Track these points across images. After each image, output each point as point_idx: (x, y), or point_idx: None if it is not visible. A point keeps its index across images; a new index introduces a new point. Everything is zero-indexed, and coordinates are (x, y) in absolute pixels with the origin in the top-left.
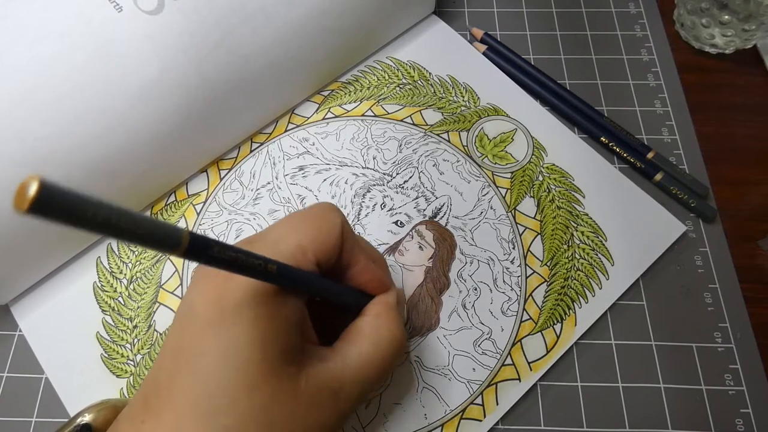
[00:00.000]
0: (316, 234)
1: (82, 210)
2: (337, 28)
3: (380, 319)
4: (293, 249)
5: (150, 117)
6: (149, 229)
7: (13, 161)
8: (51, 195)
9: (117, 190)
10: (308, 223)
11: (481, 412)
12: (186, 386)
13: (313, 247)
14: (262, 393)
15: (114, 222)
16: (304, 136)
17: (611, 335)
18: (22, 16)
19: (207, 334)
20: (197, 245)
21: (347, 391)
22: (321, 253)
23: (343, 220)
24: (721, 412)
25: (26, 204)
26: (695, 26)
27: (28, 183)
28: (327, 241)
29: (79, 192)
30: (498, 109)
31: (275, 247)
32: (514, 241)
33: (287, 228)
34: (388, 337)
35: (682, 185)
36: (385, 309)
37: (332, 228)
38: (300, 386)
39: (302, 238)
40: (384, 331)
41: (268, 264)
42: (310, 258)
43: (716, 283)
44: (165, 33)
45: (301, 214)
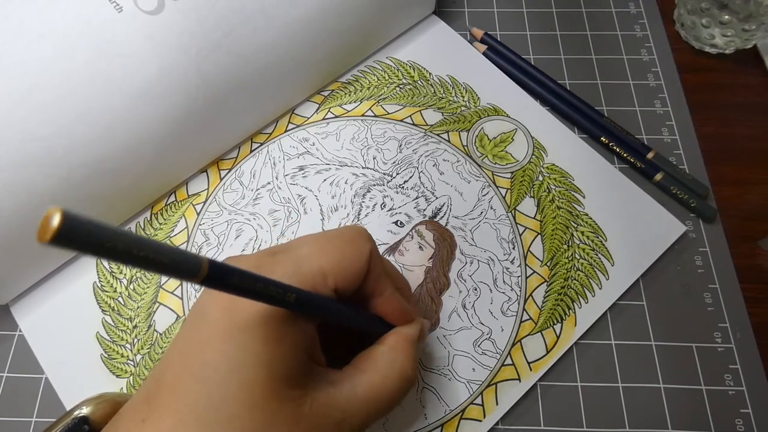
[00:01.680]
0: (340, 259)
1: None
2: (337, 29)
3: (395, 353)
4: (314, 272)
5: (150, 117)
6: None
7: (13, 161)
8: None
9: (117, 190)
10: (335, 246)
11: (480, 412)
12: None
13: (334, 272)
14: (264, 414)
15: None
16: (304, 136)
17: (611, 335)
18: (22, 16)
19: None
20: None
21: (350, 422)
22: (342, 280)
23: (373, 248)
24: (721, 412)
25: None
26: (695, 26)
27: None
28: (350, 268)
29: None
30: (498, 109)
31: (297, 266)
32: (514, 241)
33: (312, 248)
34: (400, 373)
35: (682, 185)
36: (403, 342)
37: (358, 256)
38: (303, 410)
39: (326, 261)
40: (397, 365)
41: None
42: (329, 284)
43: (716, 283)
44: (165, 33)
45: (330, 234)
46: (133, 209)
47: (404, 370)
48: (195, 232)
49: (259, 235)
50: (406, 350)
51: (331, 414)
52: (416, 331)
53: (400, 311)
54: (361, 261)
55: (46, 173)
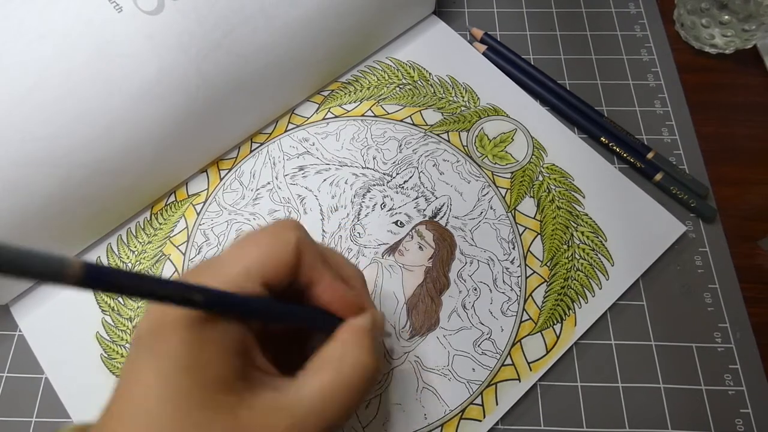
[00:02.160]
0: (265, 254)
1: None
2: (337, 29)
3: (347, 346)
4: (237, 272)
5: (150, 117)
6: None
7: (13, 161)
8: None
9: (117, 190)
10: (257, 243)
11: (480, 412)
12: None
13: (257, 267)
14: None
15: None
16: (304, 136)
17: (611, 335)
18: (22, 16)
19: (141, 359)
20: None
21: (301, 427)
22: (270, 274)
23: (300, 236)
24: (721, 412)
25: None
26: (695, 26)
27: None
28: (275, 260)
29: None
30: (498, 109)
31: (218, 270)
32: (514, 241)
33: (235, 251)
34: (354, 367)
35: (682, 185)
36: (354, 334)
37: (284, 246)
38: (240, 419)
39: (250, 260)
40: (349, 359)
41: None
42: (255, 279)
43: (716, 283)
44: (165, 33)
45: (252, 233)
46: (133, 209)
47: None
48: (195, 232)
49: None
50: (360, 341)
51: (275, 421)
52: (368, 321)
53: (343, 299)
54: (287, 251)
55: (46, 173)
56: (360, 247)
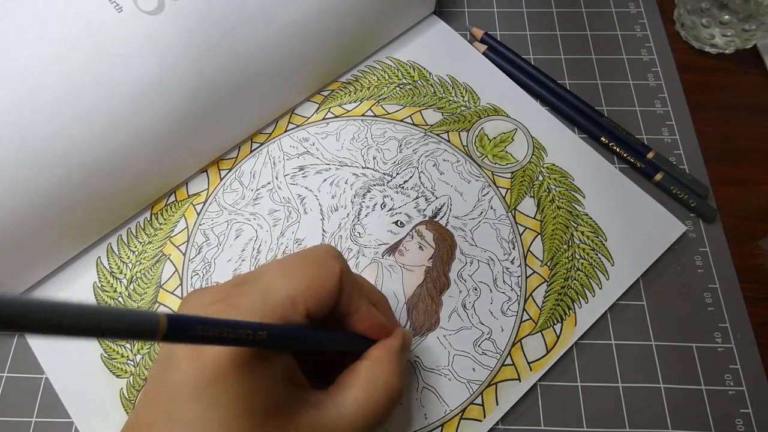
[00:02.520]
0: (310, 283)
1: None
2: (337, 29)
3: (378, 366)
4: (283, 300)
5: (150, 117)
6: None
7: (13, 161)
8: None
9: (117, 190)
10: (302, 270)
11: (481, 412)
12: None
13: (304, 298)
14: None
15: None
16: (304, 136)
17: (611, 335)
18: (22, 17)
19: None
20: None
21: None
22: (313, 304)
23: (343, 266)
24: (721, 412)
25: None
26: (695, 26)
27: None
28: (321, 291)
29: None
30: (498, 109)
31: (264, 296)
32: (514, 241)
33: (279, 274)
34: (384, 386)
35: (682, 185)
36: (387, 354)
37: (329, 277)
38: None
39: (294, 287)
40: (381, 378)
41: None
42: (300, 310)
43: (716, 283)
44: (165, 33)
45: (297, 258)
46: (133, 209)
47: (389, 383)
48: (195, 232)
49: (259, 235)
50: (390, 363)
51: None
52: (398, 343)
53: (378, 326)
54: (332, 282)
55: (46, 173)
56: (360, 247)
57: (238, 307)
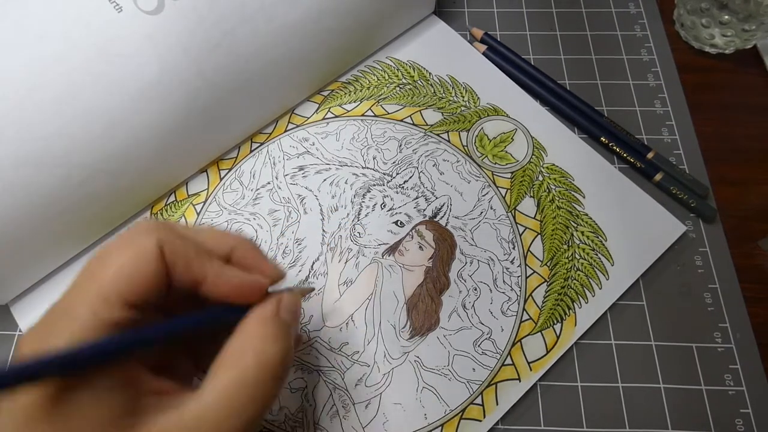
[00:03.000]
0: (117, 273)
1: None
2: (337, 28)
3: (245, 339)
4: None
5: (150, 117)
6: None
7: (13, 161)
8: None
9: (117, 190)
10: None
11: (480, 412)
12: None
13: (117, 290)
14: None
15: None
16: (304, 136)
17: (611, 335)
18: (22, 17)
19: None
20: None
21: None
22: (133, 293)
23: (160, 237)
24: (721, 412)
25: None
26: (695, 26)
27: None
28: (137, 275)
29: None
30: (498, 109)
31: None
32: (514, 241)
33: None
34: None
35: (682, 185)
36: (256, 321)
37: (141, 255)
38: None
39: (103, 283)
40: (250, 352)
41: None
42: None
43: (716, 283)
44: (165, 33)
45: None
46: (133, 209)
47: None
48: None
49: (259, 235)
50: (261, 331)
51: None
52: (270, 308)
53: (240, 287)
54: (147, 261)
55: (46, 173)
56: (360, 247)
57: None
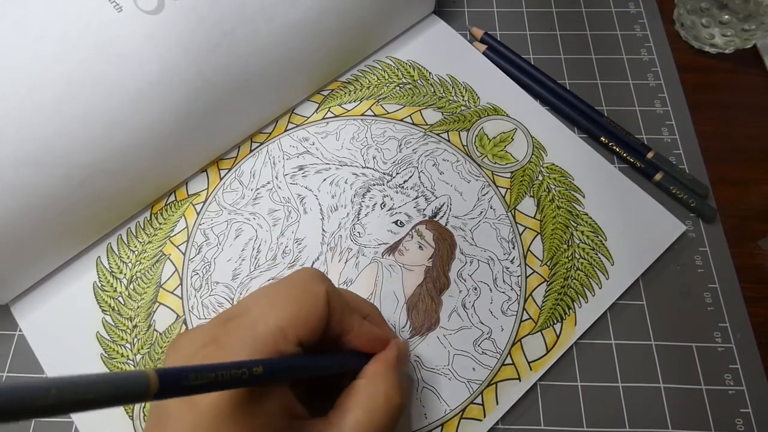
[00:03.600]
0: (298, 311)
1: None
2: (337, 28)
3: (376, 383)
4: (273, 332)
5: (150, 117)
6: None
7: (13, 161)
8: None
9: (117, 190)
10: (288, 298)
11: (481, 412)
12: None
13: (294, 327)
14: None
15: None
16: (304, 136)
17: (611, 335)
18: (22, 16)
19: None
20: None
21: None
22: (304, 332)
23: (329, 288)
24: (721, 412)
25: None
26: (695, 26)
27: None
28: (310, 317)
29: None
30: (498, 108)
31: (253, 330)
32: (514, 240)
33: (265, 306)
34: (385, 404)
35: (681, 185)
36: (383, 368)
37: (316, 301)
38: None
39: (282, 317)
40: (380, 396)
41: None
42: (291, 339)
43: (716, 283)
44: (165, 33)
45: (280, 286)
46: (133, 209)
47: (389, 398)
48: (195, 232)
49: (259, 234)
50: (387, 378)
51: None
52: (393, 355)
53: (374, 341)
54: (319, 306)
55: (46, 173)
56: (360, 246)
57: (228, 347)
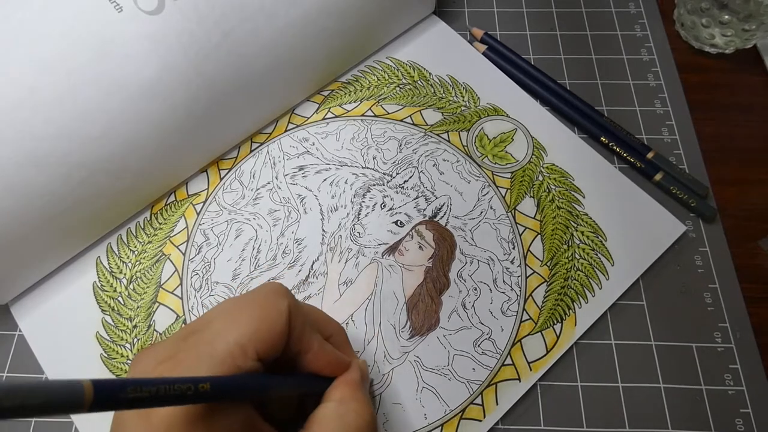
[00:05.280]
0: (258, 326)
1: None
2: (337, 29)
3: (344, 404)
4: (231, 348)
5: (150, 117)
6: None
7: (13, 161)
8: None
9: (117, 190)
10: (249, 313)
11: (480, 412)
12: None
13: (254, 342)
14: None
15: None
16: (304, 136)
17: (611, 335)
18: (23, 17)
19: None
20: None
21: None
22: (263, 348)
23: (291, 303)
24: (721, 412)
25: None
26: (695, 26)
27: None
28: (270, 333)
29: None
30: (498, 109)
31: (211, 346)
32: (514, 241)
33: (226, 321)
34: (356, 423)
35: (682, 185)
36: (350, 391)
37: (277, 317)
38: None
39: (242, 332)
40: (351, 416)
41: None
42: (250, 355)
43: (716, 283)
44: (165, 33)
45: (241, 301)
46: (133, 209)
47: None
48: (195, 232)
49: (259, 234)
50: (355, 396)
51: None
52: (357, 376)
53: (333, 363)
54: (281, 321)
55: (46, 173)
56: (360, 246)
57: (185, 364)
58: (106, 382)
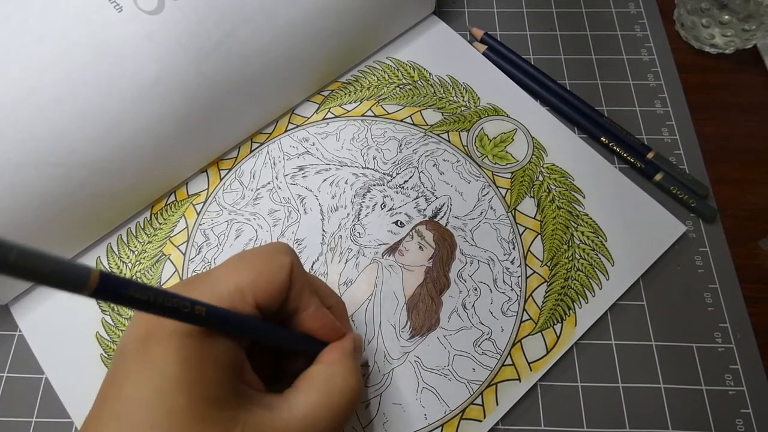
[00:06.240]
0: (258, 276)
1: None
2: (337, 29)
3: (333, 367)
4: (231, 290)
5: (150, 117)
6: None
7: (13, 161)
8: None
9: (117, 190)
10: (251, 263)
11: (481, 413)
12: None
13: (253, 289)
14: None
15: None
16: (304, 136)
17: (611, 335)
18: (22, 17)
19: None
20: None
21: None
22: (262, 296)
23: (293, 261)
24: (721, 412)
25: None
26: (695, 26)
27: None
28: (270, 283)
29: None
30: (498, 109)
31: (212, 287)
32: (514, 241)
33: (228, 268)
34: (342, 387)
35: (682, 185)
36: (340, 356)
37: (278, 270)
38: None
39: (242, 279)
40: (337, 380)
41: (195, 306)
42: (248, 301)
43: (716, 283)
44: (165, 33)
45: (246, 253)
46: (133, 209)
47: (346, 382)
48: (195, 232)
49: (259, 235)
50: (345, 362)
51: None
52: (350, 345)
53: (328, 327)
54: (281, 274)
55: (46, 173)
56: (360, 247)
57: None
58: (112, 276)
